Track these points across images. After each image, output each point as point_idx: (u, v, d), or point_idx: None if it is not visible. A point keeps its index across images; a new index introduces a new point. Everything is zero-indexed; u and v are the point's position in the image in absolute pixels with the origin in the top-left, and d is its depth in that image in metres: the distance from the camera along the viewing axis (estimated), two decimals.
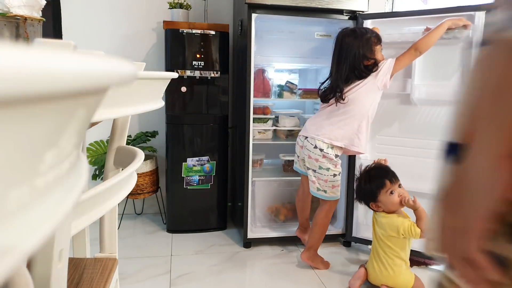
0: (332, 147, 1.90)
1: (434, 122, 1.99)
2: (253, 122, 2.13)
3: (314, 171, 1.93)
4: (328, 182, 1.92)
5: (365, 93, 1.87)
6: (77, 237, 1.15)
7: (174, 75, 0.88)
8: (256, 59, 2.12)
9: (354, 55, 1.84)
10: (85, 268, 0.97)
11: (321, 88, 1.99)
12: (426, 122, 2.01)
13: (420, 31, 1.95)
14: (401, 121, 2.08)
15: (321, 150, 1.89)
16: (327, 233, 2.30)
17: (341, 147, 1.92)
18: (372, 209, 1.84)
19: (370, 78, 1.86)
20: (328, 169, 1.91)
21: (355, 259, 2.12)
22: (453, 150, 0.53)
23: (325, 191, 1.92)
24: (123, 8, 2.52)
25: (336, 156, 1.92)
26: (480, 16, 1.80)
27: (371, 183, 1.80)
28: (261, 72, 2.29)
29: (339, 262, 2.10)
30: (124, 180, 0.72)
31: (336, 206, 2.02)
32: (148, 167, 2.40)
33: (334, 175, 1.92)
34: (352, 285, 1.83)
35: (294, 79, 2.56)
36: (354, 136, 1.89)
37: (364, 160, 2.11)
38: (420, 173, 1.98)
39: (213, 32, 2.29)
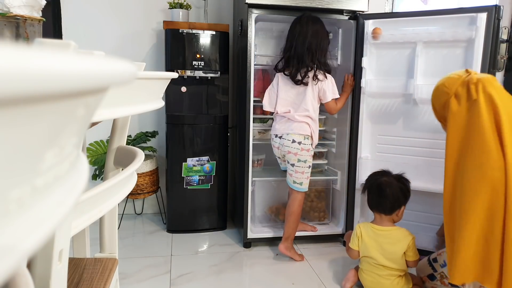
0: (308, 137, 2.00)
1: (436, 122, 1.99)
2: (253, 122, 2.13)
3: (293, 165, 2.01)
4: (304, 174, 2.02)
5: None
6: (77, 237, 1.15)
7: (174, 75, 0.88)
8: (256, 59, 2.12)
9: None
10: (85, 268, 0.97)
11: None
12: (428, 121, 2.00)
13: (420, 32, 1.95)
14: (403, 121, 2.08)
15: (299, 143, 1.98)
16: (327, 233, 2.31)
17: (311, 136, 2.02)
18: (387, 216, 1.72)
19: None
20: (305, 160, 2.00)
21: (355, 259, 2.12)
22: None
23: (301, 183, 2.03)
24: (123, 8, 2.52)
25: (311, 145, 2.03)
26: (482, 18, 1.80)
27: (406, 184, 1.72)
28: (261, 72, 2.29)
29: (339, 262, 2.09)
30: (124, 180, 0.72)
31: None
32: (148, 167, 2.40)
33: (309, 166, 2.03)
34: (342, 287, 1.83)
35: None
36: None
37: (365, 160, 2.11)
38: (422, 172, 1.98)
39: (213, 32, 2.29)
